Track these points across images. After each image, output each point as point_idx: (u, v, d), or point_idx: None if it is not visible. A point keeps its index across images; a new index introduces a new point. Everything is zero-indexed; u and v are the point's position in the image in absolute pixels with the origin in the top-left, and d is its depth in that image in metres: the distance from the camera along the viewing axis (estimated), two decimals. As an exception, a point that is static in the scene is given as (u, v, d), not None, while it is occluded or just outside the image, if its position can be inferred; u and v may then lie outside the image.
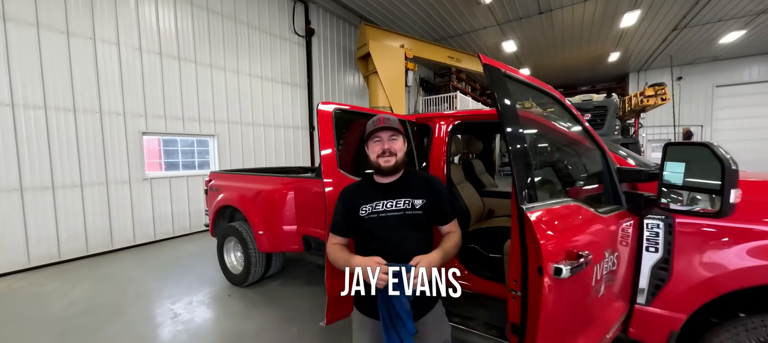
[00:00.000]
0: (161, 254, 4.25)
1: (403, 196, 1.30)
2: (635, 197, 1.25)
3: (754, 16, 8.46)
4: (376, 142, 1.29)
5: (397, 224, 1.27)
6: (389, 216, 1.27)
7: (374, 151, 1.29)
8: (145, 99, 4.65)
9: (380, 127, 1.26)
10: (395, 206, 1.28)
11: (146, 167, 4.77)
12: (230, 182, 3.23)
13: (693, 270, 1.22)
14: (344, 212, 1.31)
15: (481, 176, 2.97)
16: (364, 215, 1.28)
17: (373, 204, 1.28)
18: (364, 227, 1.28)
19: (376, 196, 1.30)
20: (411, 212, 1.28)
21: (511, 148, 0.99)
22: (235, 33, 5.79)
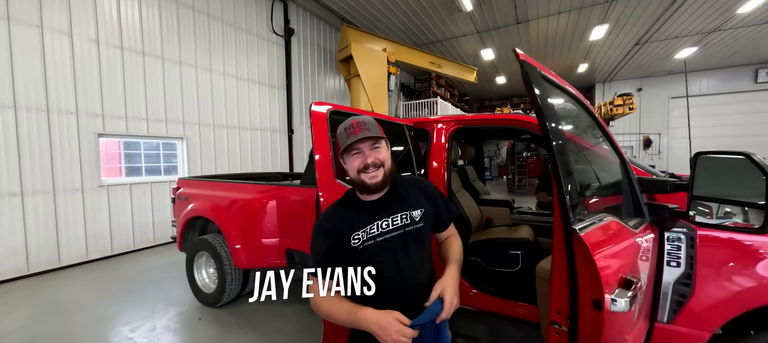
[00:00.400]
0: (120, 271, 3.79)
1: (399, 210, 1.08)
2: (659, 209, 1.17)
3: (705, 34, 9.24)
4: (354, 156, 1.03)
5: (400, 245, 1.05)
6: (389, 238, 1.04)
7: (353, 167, 1.03)
8: (102, 97, 4.17)
9: (356, 138, 1.00)
10: (392, 224, 1.06)
11: (103, 173, 4.27)
12: (202, 189, 2.91)
13: (718, 286, 1.16)
14: (329, 248, 1.02)
15: (474, 182, 2.89)
16: (358, 245, 1.02)
17: (366, 228, 1.04)
18: (360, 259, 1.01)
19: (366, 218, 1.06)
20: (411, 227, 1.07)
21: (555, 157, 0.86)
22: (207, 29, 5.40)
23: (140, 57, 4.54)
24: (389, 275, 1.02)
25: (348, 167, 1.06)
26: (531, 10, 7.78)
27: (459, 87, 15.25)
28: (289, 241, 2.40)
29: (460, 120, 1.90)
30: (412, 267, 1.05)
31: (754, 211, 0.98)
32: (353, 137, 1.01)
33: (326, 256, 1.02)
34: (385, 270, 1.02)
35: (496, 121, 1.79)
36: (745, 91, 12.40)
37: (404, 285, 1.02)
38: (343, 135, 1.04)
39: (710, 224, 1.08)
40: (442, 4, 7.33)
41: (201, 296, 2.81)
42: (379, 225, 1.05)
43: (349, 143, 1.01)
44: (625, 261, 0.93)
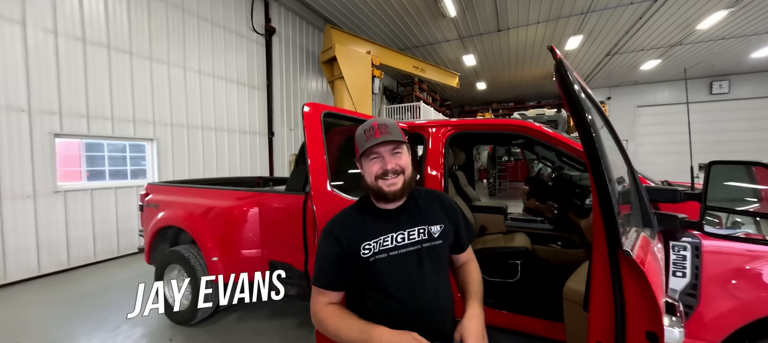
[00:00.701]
0: (77, 286, 3.41)
1: (416, 223, 1.00)
2: (668, 220, 1.15)
3: (668, 47, 9.90)
4: (373, 161, 0.96)
5: (417, 262, 0.95)
6: (404, 253, 0.95)
7: (371, 172, 0.96)
8: (60, 94, 3.77)
9: (377, 142, 0.92)
10: (408, 238, 0.97)
11: (60, 177, 3.85)
12: (174, 196, 2.67)
13: (724, 295, 1.15)
14: (336, 256, 0.94)
15: (465, 188, 2.84)
16: (369, 256, 0.93)
17: (379, 239, 0.95)
18: (369, 273, 0.93)
19: (380, 227, 0.97)
20: (428, 243, 0.98)
21: (597, 168, 0.77)
22: (182, 24, 5.07)
23: (105, 51, 4.17)
24: (400, 295, 0.93)
25: (365, 172, 0.99)
26: (511, 18, 7.98)
27: (441, 92, 15.44)
28: (273, 252, 2.23)
29: (457, 125, 1.83)
30: (426, 288, 0.95)
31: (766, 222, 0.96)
32: (373, 140, 0.93)
33: (334, 264, 0.95)
34: (395, 288, 0.93)
35: (496, 127, 1.74)
36: (701, 102, 13.41)
37: (416, 307, 0.93)
38: (362, 137, 0.96)
39: (721, 234, 1.06)
40: (427, 8, 7.36)
41: (172, 314, 2.56)
42: (394, 237, 0.96)
43: (368, 147, 0.93)
44: (661, 281, 0.88)
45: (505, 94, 16.39)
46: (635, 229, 0.97)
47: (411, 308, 0.92)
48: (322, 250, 0.98)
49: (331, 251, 0.96)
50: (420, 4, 7.22)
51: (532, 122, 1.66)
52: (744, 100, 12.58)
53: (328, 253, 0.96)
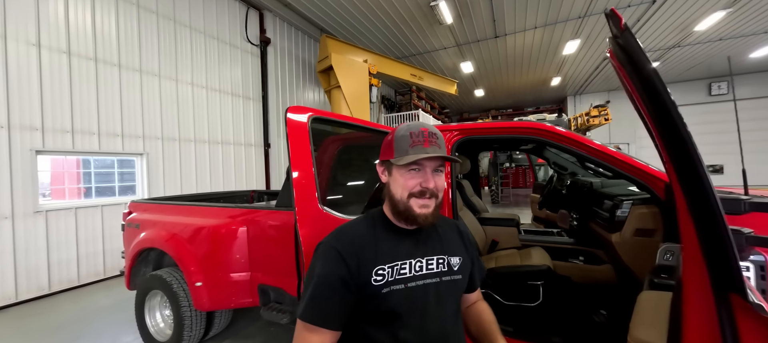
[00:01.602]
0: (57, 313, 3.17)
1: (437, 251, 0.83)
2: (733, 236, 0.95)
3: (665, 49, 9.85)
4: (413, 173, 0.79)
5: (435, 299, 0.78)
6: (422, 286, 0.78)
7: (406, 186, 0.78)
8: (42, 108, 3.60)
9: (426, 155, 0.75)
10: (427, 268, 0.80)
11: (53, 194, 3.65)
12: (157, 214, 2.46)
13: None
14: (340, 280, 0.74)
15: (472, 198, 2.65)
16: (381, 285, 0.75)
17: (395, 265, 0.77)
18: (380, 308, 0.75)
19: (396, 249, 0.80)
20: (449, 277, 0.82)
21: (692, 172, 0.56)
22: (173, 35, 4.95)
23: (92, 64, 4.02)
24: (416, 337, 0.74)
25: (395, 184, 0.81)
26: (508, 24, 7.93)
27: (439, 100, 15.38)
28: (263, 275, 2.02)
29: (464, 129, 1.64)
30: (447, 331, 0.78)
31: None
32: (421, 150, 0.76)
33: (335, 292, 0.73)
34: (412, 330, 0.74)
35: (508, 131, 1.55)
36: (700, 104, 13.34)
37: None
38: (406, 141, 0.79)
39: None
40: (423, 16, 7.30)
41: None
42: (413, 265, 0.78)
43: (413, 158, 0.75)
44: None
45: (503, 100, 16.34)
46: None
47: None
48: (319, 270, 0.76)
49: (335, 274, 0.74)
50: (416, 12, 7.15)
51: (547, 124, 1.48)
52: (744, 100, 12.50)
53: (331, 277, 0.74)
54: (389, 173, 0.83)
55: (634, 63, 0.59)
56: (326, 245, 0.79)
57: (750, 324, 0.53)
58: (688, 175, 0.57)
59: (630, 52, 0.60)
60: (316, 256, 0.79)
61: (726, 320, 0.55)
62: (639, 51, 0.59)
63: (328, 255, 0.76)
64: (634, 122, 14.31)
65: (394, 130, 0.84)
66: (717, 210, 0.54)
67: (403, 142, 0.79)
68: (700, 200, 0.56)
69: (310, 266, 0.79)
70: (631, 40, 0.60)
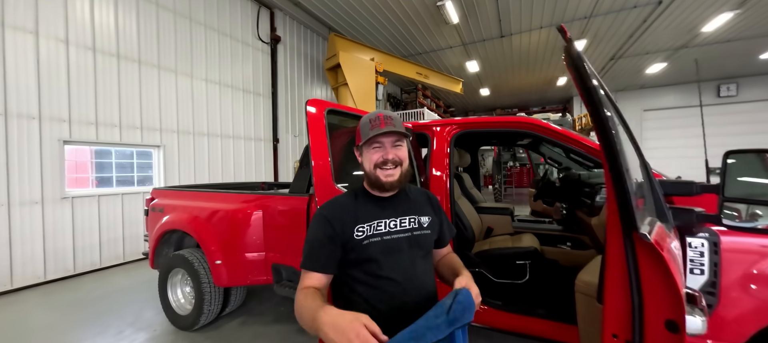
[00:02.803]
0: (82, 291, 3.42)
1: (408, 212, 1.05)
2: (684, 213, 1.10)
3: (673, 50, 9.82)
4: (375, 149, 0.99)
5: (408, 247, 0.99)
6: (396, 238, 0.99)
7: (371, 160, 0.99)
8: (70, 101, 3.85)
9: (381, 132, 0.95)
10: (401, 225, 1.01)
11: (68, 183, 3.90)
12: (179, 200, 2.67)
13: (745, 294, 1.10)
14: (328, 238, 0.95)
15: (471, 190, 2.80)
16: (362, 238, 0.95)
17: (372, 223, 0.98)
18: (362, 255, 0.95)
19: (374, 212, 1.01)
20: (419, 231, 1.03)
21: (610, 147, 0.74)
22: (189, 33, 5.17)
23: (114, 60, 4.26)
24: (394, 276, 0.95)
25: (365, 160, 1.01)
26: (514, 24, 8.01)
27: (444, 98, 15.47)
28: (276, 255, 2.21)
29: (462, 123, 1.81)
30: (417, 271, 0.99)
31: (791, 213, 0.92)
32: (377, 130, 0.96)
33: (324, 246, 0.94)
34: (389, 270, 0.95)
35: (503, 125, 1.71)
36: (709, 105, 13.21)
37: (410, 288, 0.95)
38: (367, 126, 0.99)
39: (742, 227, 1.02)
40: (430, 16, 7.43)
41: (175, 319, 2.54)
42: (387, 223, 1.00)
43: (371, 135, 0.95)
44: (680, 271, 0.83)
45: (508, 99, 16.37)
46: (652, 218, 0.93)
47: (405, 288, 0.95)
48: (312, 232, 0.98)
49: (323, 233, 0.95)
50: (423, 12, 7.29)
51: (538, 119, 1.63)
52: (752, 102, 12.37)
53: (320, 234, 0.96)
54: (361, 153, 1.03)
55: (574, 65, 0.76)
56: (317, 214, 1.01)
57: (643, 249, 0.71)
58: (606, 143, 0.75)
59: (574, 59, 0.77)
60: (311, 223, 1.01)
61: (629, 249, 0.73)
62: (577, 61, 0.76)
63: (319, 220, 0.98)
64: (640, 123, 14.26)
65: (360, 121, 1.05)
66: (621, 169, 0.71)
67: (365, 127, 0.99)
68: (612, 162, 0.73)
69: (308, 229, 1.01)
70: (570, 54, 0.77)
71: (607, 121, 0.74)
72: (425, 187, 1.77)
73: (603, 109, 0.75)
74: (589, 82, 0.75)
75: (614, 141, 0.74)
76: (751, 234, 1.07)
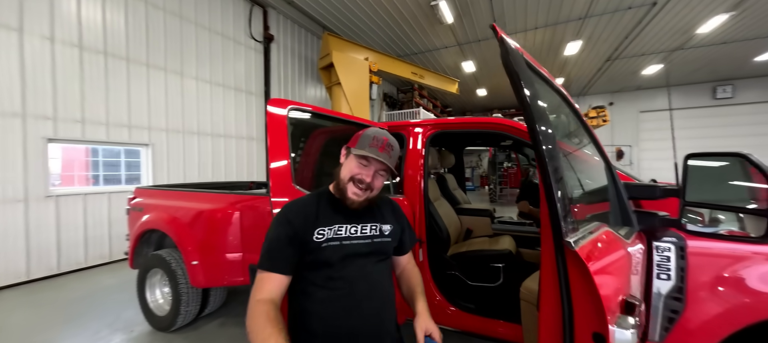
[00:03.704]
0: (65, 291, 3.38)
1: (370, 219, 1.04)
2: (648, 217, 1.08)
3: (669, 52, 9.81)
4: (360, 164, 0.99)
5: (366, 253, 0.99)
6: (356, 244, 0.98)
7: (351, 170, 0.98)
8: (55, 99, 3.81)
9: (375, 157, 0.95)
10: (361, 232, 1.00)
11: (63, 181, 3.87)
12: (158, 199, 2.64)
13: (712, 300, 1.07)
14: (288, 238, 0.92)
15: (454, 191, 2.78)
16: (321, 241, 0.94)
17: (333, 227, 0.97)
18: (320, 258, 0.93)
19: (336, 217, 1.00)
20: (380, 239, 1.02)
21: (543, 155, 0.73)
22: (179, 31, 5.14)
23: (101, 57, 4.22)
24: (349, 279, 0.94)
25: (346, 166, 1.00)
26: (510, 24, 7.99)
27: (441, 98, 15.45)
28: (253, 256, 2.18)
29: (437, 124, 1.78)
30: (373, 276, 0.97)
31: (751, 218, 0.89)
32: (374, 152, 0.95)
33: (283, 246, 0.92)
34: (345, 273, 0.94)
35: (475, 125, 1.69)
36: (704, 107, 13.23)
37: (364, 292, 0.94)
38: (368, 140, 0.99)
39: (703, 232, 0.99)
40: (424, 15, 7.40)
41: (153, 320, 2.51)
42: (348, 228, 0.99)
43: (364, 154, 0.96)
44: (623, 278, 0.81)
45: (506, 100, 16.34)
46: (597, 224, 0.90)
47: (362, 293, 0.94)
48: (272, 232, 0.95)
49: (283, 233, 0.93)
50: (417, 12, 7.26)
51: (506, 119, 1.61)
52: (749, 105, 12.38)
53: (280, 234, 0.93)
54: (346, 157, 1.02)
55: (509, 69, 0.75)
56: (278, 214, 0.98)
57: (571, 257, 0.70)
58: (540, 157, 0.73)
59: (507, 59, 0.75)
60: (272, 222, 0.98)
61: (560, 258, 0.71)
62: (510, 62, 0.75)
63: (280, 220, 0.96)
64: (637, 125, 14.26)
65: (365, 129, 1.05)
66: (550, 183, 0.69)
67: (366, 140, 0.98)
68: (545, 176, 0.71)
69: (269, 229, 0.98)
70: (504, 51, 0.75)
71: (536, 126, 0.72)
72: (399, 188, 1.75)
73: (533, 113, 0.72)
74: (519, 83, 0.73)
75: (542, 147, 0.72)
76: (715, 239, 1.04)
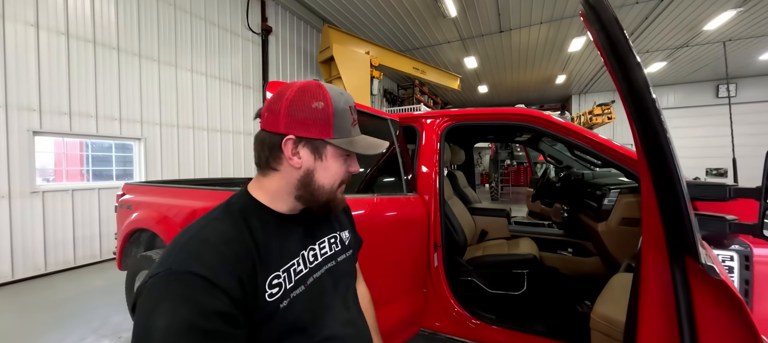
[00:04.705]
0: (52, 292, 3.20)
1: (325, 230, 0.72)
2: (715, 222, 0.92)
3: (673, 49, 9.69)
4: (350, 158, 0.66)
5: (332, 286, 0.67)
6: (322, 277, 0.66)
7: (339, 173, 0.65)
8: (40, 89, 3.60)
9: (375, 150, 0.66)
10: (321, 253, 0.67)
11: (56, 177, 3.68)
12: (149, 196, 2.46)
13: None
14: (220, 322, 0.47)
15: (465, 189, 2.62)
16: (279, 297, 0.56)
17: (290, 265, 0.60)
18: (284, 326, 0.56)
19: (285, 243, 0.62)
20: (343, 256, 0.73)
21: (663, 142, 0.55)
22: (173, 21, 4.92)
23: (90, 46, 4.01)
24: (334, 338, 0.62)
25: (327, 170, 0.63)
26: (514, 19, 7.82)
27: (442, 95, 15.28)
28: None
29: (453, 115, 1.62)
30: (355, 324, 0.68)
31: None
32: (357, 131, 0.65)
33: (211, 340, 0.45)
34: (322, 336, 0.61)
35: (498, 117, 1.53)
36: (707, 105, 13.14)
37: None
38: (345, 119, 0.62)
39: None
40: (427, 9, 7.21)
41: (143, 325, 2.33)
42: (306, 257, 0.63)
43: (364, 151, 0.64)
44: None
45: (507, 97, 16.21)
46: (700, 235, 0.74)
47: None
48: (169, 321, 0.44)
49: (209, 313, 0.46)
50: (420, 5, 7.07)
51: (539, 111, 1.45)
52: (751, 104, 12.31)
53: (199, 320, 0.45)
54: (319, 155, 0.62)
55: (601, 21, 0.56)
56: (175, 275, 0.48)
57: (702, 286, 0.51)
58: (648, 132, 0.55)
59: (598, 11, 0.57)
60: (150, 302, 0.46)
61: (680, 282, 0.53)
62: (607, 10, 0.56)
63: (186, 290, 0.46)
64: (638, 123, 14.17)
65: (326, 96, 0.62)
66: (673, 169, 0.52)
67: (344, 120, 0.62)
68: (658, 159, 0.54)
69: (143, 323, 0.45)
70: (590, 14, 0.57)
71: (649, 97, 0.55)
72: (412, 186, 1.59)
73: (643, 77, 0.55)
74: (621, 38, 0.55)
75: (661, 126, 0.55)
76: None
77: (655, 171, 0.55)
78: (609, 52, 0.55)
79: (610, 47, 0.55)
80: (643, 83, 0.53)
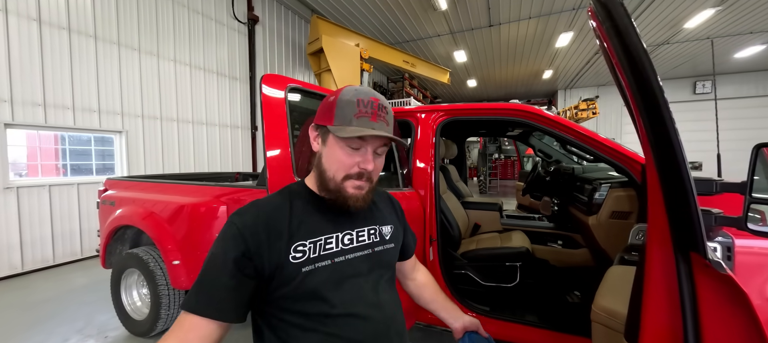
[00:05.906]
0: (30, 291, 3.07)
1: (368, 221, 0.76)
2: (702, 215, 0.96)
3: (654, 46, 9.97)
4: (352, 150, 0.68)
5: (367, 272, 0.71)
6: (352, 259, 0.70)
7: (342, 163, 0.68)
8: (11, 79, 3.40)
9: (371, 132, 0.65)
10: (358, 240, 0.72)
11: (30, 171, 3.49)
12: (133, 192, 2.38)
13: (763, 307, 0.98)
14: (236, 264, 0.60)
15: (457, 183, 2.65)
16: (301, 262, 0.64)
17: (319, 240, 0.67)
18: (301, 290, 0.64)
19: (320, 223, 0.70)
20: (381, 246, 0.76)
21: (670, 131, 0.55)
22: (154, 8, 4.71)
23: (65, 33, 3.79)
24: (354, 315, 0.66)
25: (330, 157, 0.68)
26: (503, 13, 7.86)
27: (431, 89, 15.30)
28: (243, 254, 1.98)
29: (449, 110, 1.62)
30: (382, 305, 0.70)
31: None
32: (366, 124, 0.65)
33: (229, 277, 0.59)
34: (346, 309, 0.65)
35: (493, 112, 1.54)
36: (685, 101, 13.65)
37: (376, 333, 0.67)
38: (350, 108, 0.65)
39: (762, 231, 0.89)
40: (417, 1, 7.16)
41: (130, 324, 2.28)
42: (340, 238, 0.69)
43: (358, 133, 0.64)
44: None
45: (495, 91, 16.38)
46: None
47: (372, 328, 0.67)
48: (213, 249, 0.63)
49: (228, 254, 0.60)
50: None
51: (535, 107, 1.47)
52: (728, 99, 12.84)
53: (222, 256, 0.61)
54: (323, 141, 0.70)
55: (612, 18, 0.57)
56: (228, 223, 0.65)
57: (707, 282, 0.53)
58: (656, 125, 0.56)
59: (609, 7, 0.57)
60: (219, 236, 0.65)
61: (685, 278, 0.55)
62: (619, 5, 0.56)
63: (226, 233, 0.63)
64: (620, 118, 14.60)
65: (339, 91, 0.70)
66: (682, 164, 0.54)
67: (348, 109, 0.65)
68: (666, 153, 0.55)
69: (213, 244, 0.65)
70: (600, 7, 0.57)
71: (658, 86, 0.55)
72: (408, 181, 1.59)
73: (651, 66, 0.55)
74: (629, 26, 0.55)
75: (669, 116, 0.55)
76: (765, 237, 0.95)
77: (663, 165, 0.56)
78: (615, 39, 0.55)
79: (616, 34, 0.55)
80: (652, 72, 0.54)
